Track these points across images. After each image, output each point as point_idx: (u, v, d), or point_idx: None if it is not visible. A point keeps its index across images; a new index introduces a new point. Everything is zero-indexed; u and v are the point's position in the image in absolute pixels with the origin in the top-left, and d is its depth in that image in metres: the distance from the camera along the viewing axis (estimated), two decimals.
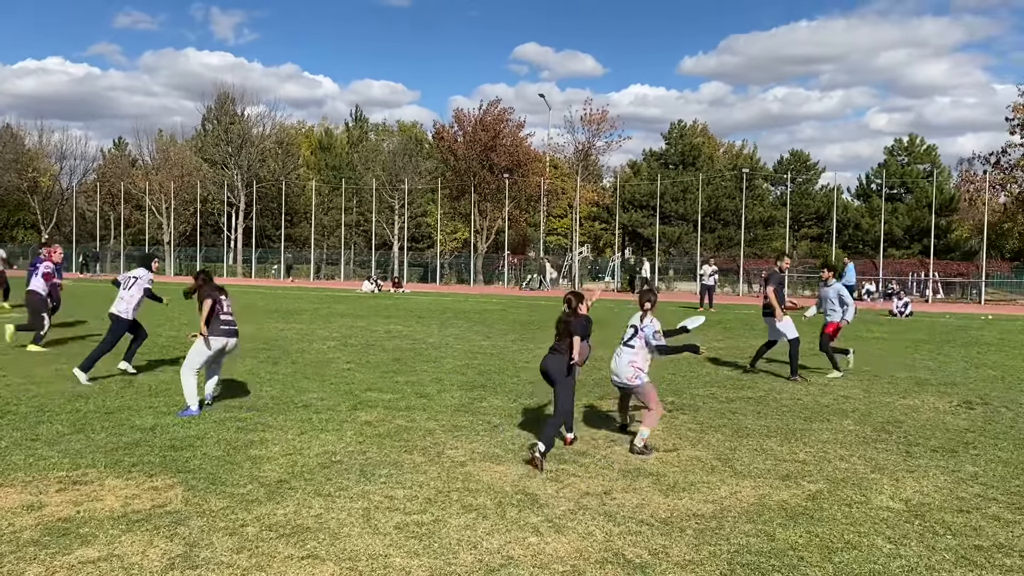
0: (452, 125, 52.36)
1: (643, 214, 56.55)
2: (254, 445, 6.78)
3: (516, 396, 9.30)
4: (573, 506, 5.37)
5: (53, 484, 5.61)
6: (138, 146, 67.80)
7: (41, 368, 10.60)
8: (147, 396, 8.85)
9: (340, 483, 5.77)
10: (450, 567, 4.33)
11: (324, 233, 60.44)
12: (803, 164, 61.09)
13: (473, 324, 18.98)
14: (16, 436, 6.92)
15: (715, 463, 6.55)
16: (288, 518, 5.02)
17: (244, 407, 8.34)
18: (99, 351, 10.02)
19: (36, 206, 64.12)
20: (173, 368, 10.85)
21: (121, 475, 5.86)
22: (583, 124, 48.88)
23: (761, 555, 4.60)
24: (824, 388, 10.33)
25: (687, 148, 59.99)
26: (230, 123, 61.48)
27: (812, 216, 58.45)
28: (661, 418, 7.45)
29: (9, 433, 7.02)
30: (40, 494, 5.39)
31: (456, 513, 5.18)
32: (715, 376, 11.17)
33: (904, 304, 25.86)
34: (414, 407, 8.56)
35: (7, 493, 5.40)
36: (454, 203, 53.30)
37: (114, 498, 5.34)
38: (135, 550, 4.46)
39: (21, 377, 9.88)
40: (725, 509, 5.39)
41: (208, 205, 59.35)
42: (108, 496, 5.38)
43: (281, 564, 4.32)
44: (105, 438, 6.93)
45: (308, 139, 73.69)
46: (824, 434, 7.69)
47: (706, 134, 66.99)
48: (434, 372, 11.01)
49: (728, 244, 54.48)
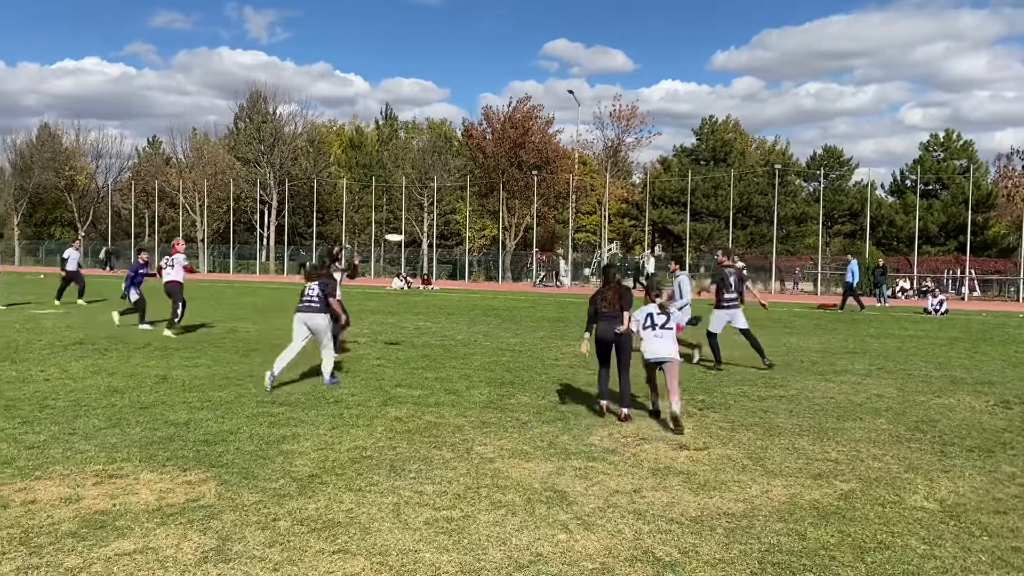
0: (481, 123, 52.44)
1: (673, 210, 56.19)
2: (286, 440, 6.85)
3: (545, 393, 9.30)
4: (602, 504, 5.36)
5: (90, 477, 5.72)
6: (172, 144, 68.75)
7: (76, 363, 10.79)
8: (181, 391, 8.97)
9: (370, 478, 5.82)
10: (479, 563, 4.35)
11: (355, 230, 60.85)
12: (836, 160, 60.33)
13: (502, 321, 19.01)
14: (54, 430, 7.06)
15: (746, 462, 6.50)
16: (319, 512, 5.07)
17: (276, 402, 8.43)
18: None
19: (73, 204, 65.26)
20: (206, 364, 11.00)
21: (156, 469, 5.95)
22: (612, 120, 48.74)
23: (792, 554, 4.56)
24: (857, 387, 10.22)
25: (718, 144, 59.52)
26: (262, 122, 62.08)
27: (845, 213, 57.73)
28: (690, 415, 7.91)
29: (47, 427, 7.16)
30: (77, 487, 5.49)
31: (485, 509, 5.20)
32: (746, 374, 11.09)
33: (939, 302, 25.47)
34: (443, 403, 8.59)
35: (46, 486, 5.51)
36: (483, 200, 53.37)
37: (149, 492, 5.42)
38: (169, 543, 4.53)
39: (59, 372, 10.07)
40: (756, 508, 5.35)
41: (241, 203, 59.99)
42: (143, 490, 5.46)
43: (312, 558, 4.36)
44: (140, 433, 7.04)
45: (339, 137, 74.16)
46: (857, 433, 7.60)
47: (738, 130, 66.41)
48: (463, 369, 11.04)
49: (760, 241, 53.99)
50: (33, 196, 65.67)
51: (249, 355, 11.98)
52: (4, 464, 5.98)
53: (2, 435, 6.84)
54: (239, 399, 8.59)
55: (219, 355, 11.91)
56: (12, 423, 7.28)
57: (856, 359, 12.99)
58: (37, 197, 66.25)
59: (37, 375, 9.83)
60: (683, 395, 8.10)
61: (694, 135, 61.45)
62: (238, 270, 56.31)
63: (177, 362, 11.09)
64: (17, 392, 8.73)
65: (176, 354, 11.89)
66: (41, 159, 64.36)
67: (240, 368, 10.68)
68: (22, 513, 4.95)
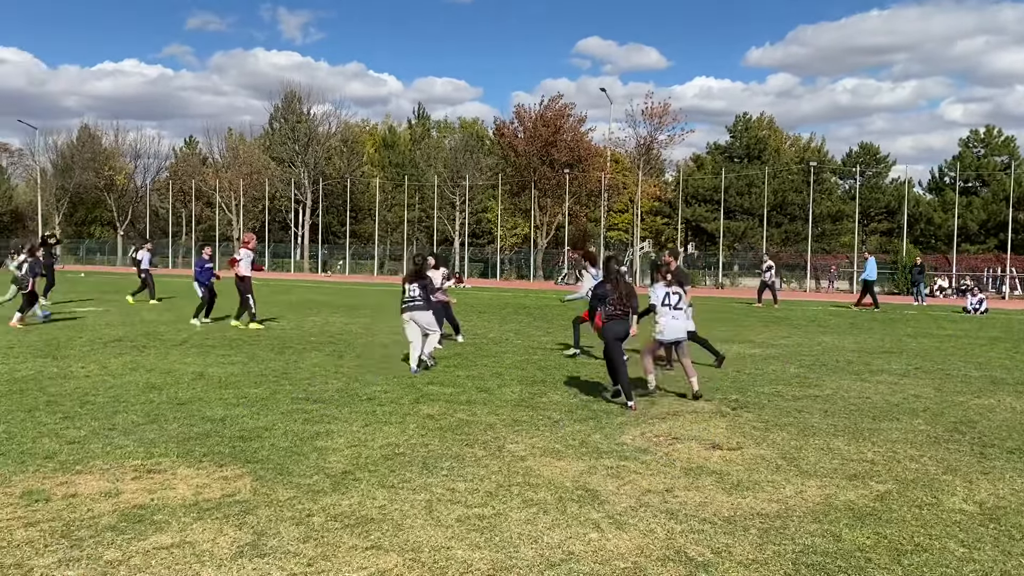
0: (513, 121, 52.44)
1: (707, 208, 55.78)
2: (320, 436, 6.92)
3: (576, 392, 9.29)
4: (634, 503, 5.35)
5: (129, 472, 5.82)
6: (208, 145, 69.79)
7: (115, 360, 10.99)
8: (217, 388, 9.10)
9: (403, 475, 5.85)
10: (511, 561, 4.36)
11: (387, 229, 61.20)
12: (873, 157, 59.43)
13: (533, 319, 19.02)
14: (94, 425, 7.19)
15: (780, 462, 6.44)
16: (353, 509, 5.12)
17: (311, 399, 8.52)
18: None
19: (112, 203, 66.43)
20: (242, 361, 11.14)
21: (192, 464, 6.04)
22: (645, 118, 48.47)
23: (827, 556, 4.51)
24: (894, 387, 10.07)
25: (752, 141, 58.95)
26: (297, 122, 62.70)
27: (882, 210, 56.87)
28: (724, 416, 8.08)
29: (88, 422, 7.30)
30: (117, 481, 5.59)
31: (517, 507, 5.21)
32: (781, 374, 10.98)
33: (979, 301, 25.01)
34: (475, 401, 8.62)
35: (86, 480, 5.62)
36: (514, 199, 53.41)
37: (186, 487, 5.51)
38: (206, 537, 4.60)
39: (99, 368, 10.26)
40: (790, 508, 5.30)
41: (276, 202, 60.65)
42: (180, 484, 5.55)
43: (346, 554, 4.40)
44: (177, 428, 7.15)
45: (372, 137, 74.65)
46: (893, 433, 7.50)
47: (772, 127, 65.70)
48: (494, 367, 11.06)
49: (795, 239, 53.41)
50: (74, 196, 66.98)
51: (283, 352, 12.12)
52: (46, 458, 6.11)
53: (44, 430, 6.99)
54: (274, 396, 8.69)
55: (254, 352, 12.06)
56: (54, 418, 7.43)
57: (893, 359, 12.81)
58: (78, 197, 67.56)
59: (78, 371, 10.03)
60: (716, 394, 8.36)
61: (728, 132, 60.99)
62: (273, 268, 56.94)
63: (213, 359, 11.24)
64: (59, 388, 8.92)
65: (212, 351, 12.06)
66: (81, 159, 65.63)
67: (275, 365, 10.81)
68: (63, 506, 5.06)
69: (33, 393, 8.60)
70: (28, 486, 5.44)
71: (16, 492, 5.31)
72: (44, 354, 11.45)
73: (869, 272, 25.55)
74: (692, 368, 8.68)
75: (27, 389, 8.82)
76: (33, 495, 5.24)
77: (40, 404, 8.05)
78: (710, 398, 9.01)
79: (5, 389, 8.80)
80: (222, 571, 4.15)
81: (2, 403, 8.08)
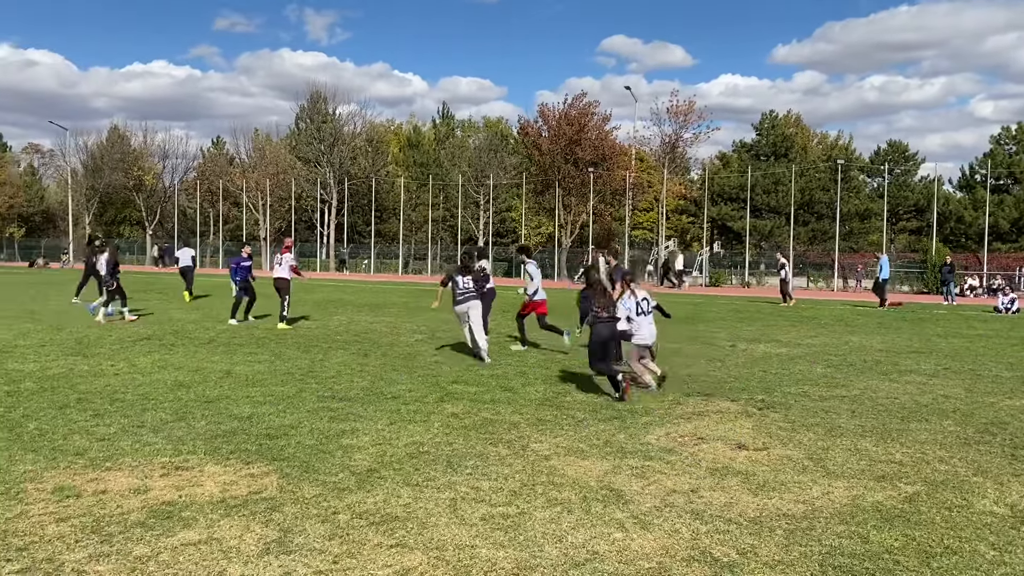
0: (537, 120, 52.40)
1: (733, 207, 55.38)
2: (345, 435, 6.96)
3: (601, 391, 9.26)
4: (659, 503, 5.33)
5: (157, 469, 5.89)
6: (235, 145, 70.38)
7: (144, 358, 11.12)
8: (244, 386, 9.18)
9: (427, 473, 5.87)
10: (535, 560, 4.36)
11: (412, 229, 61.43)
12: (901, 155, 58.71)
13: (557, 319, 18.96)
14: (124, 423, 7.29)
15: (807, 462, 6.39)
16: (378, 507, 5.14)
17: (336, 397, 8.57)
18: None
19: (141, 203, 67.22)
20: (268, 360, 11.23)
21: (220, 462, 6.10)
22: (670, 116, 48.24)
23: (854, 557, 4.46)
24: (923, 387, 9.95)
25: (779, 139, 58.42)
26: (323, 122, 63.10)
27: (911, 209, 56.17)
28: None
29: (118, 420, 7.40)
30: (146, 478, 5.66)
31: (541, 506, 5.20)
32: (808, 374, 10.89)
33: (1010, 300, 24.64)
34: (499, 400, 8.63)
35: (116, 477, 5.69)
36: (538, 198, 53.34)
37: (213, 484, 5.56)
38: (233, 534, 4.64)
39: (128, 367, 10.39)
40: (817, 510, 5.25)
41: (302, 202, 61.07)
42: (208, 482, 5.61)
43: (371, 551, 4.43)
44: (205, 426, 7.23)
45: (397, 136, 74.96)
46: (922, 435, 7.40)
47: (799, 124, 65.11)
48: (518, 366, 11.06)
49: (822, 238, 52.91)
50: (103, 196, 67.88)
51: (309, 351, 12.20)
52: (77, 455, 6.20)
53: (75, 427, 7.09)
54: (300, 394, 8.75)
55: (280, 351, 12.16)
56: (84, 415, 7.54)
57: (922, 359, 12.65)
58: (107, 197, 68.46)
59: (108, 369, 10.16)
60: (742, 394, 8.30)
61: (754, 130, 60.50)
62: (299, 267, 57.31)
63: (240, 358, 11.34)
64: (89, 386, 9.04)
65: (239, 350, 12.17)
66: (111, 160, 66.50)
67: (301, 364, 10.88)
68: (94, 502, 5.13)
69: (64, 390, 8.74)
70: (59, 482, 5.52)
71: (48, 488, 5.39)
72: (75, 352, 11.62)
73: (883, 271, 25.59)
74: (654, 365, 9.62)
75: (58, 387, 8.95)
76: (64, 491, 5.33)
77: (71, 401, 8.17)
78: (736, 398, 8.96)
79: (37, 386, 8.94)
80: (249, 568, 4.19)
81: (34, 400, 8.21)
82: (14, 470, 5.78)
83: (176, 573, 4.12)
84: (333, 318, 17.92)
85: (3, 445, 6.44)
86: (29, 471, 5.77)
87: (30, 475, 5.67)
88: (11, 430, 6.94)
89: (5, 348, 11.92)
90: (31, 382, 9.20)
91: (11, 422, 7.23)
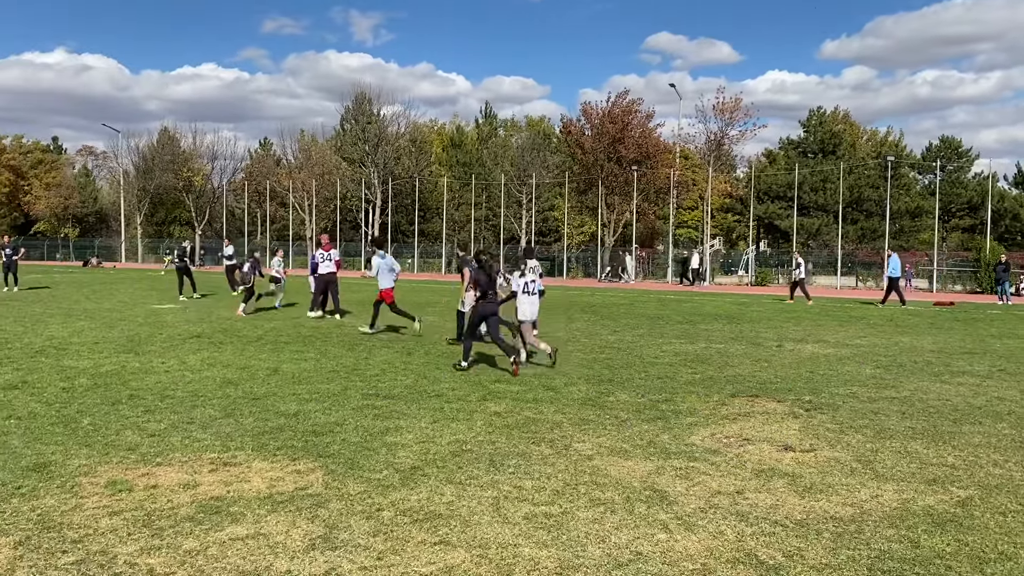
0: (579, 119, 52.22)
1: (779, 205, 54.63)
2: (389, 432, 7.02)
3: (644, 391, 9.21)
4: (704, 504, 5.28)
5: (206, 464, 6.00)
6: (282, 146, 71.36)
7: (194, 356, 11.34)
8: (291, 384, 9.31)
9: (470, 472, 5.89)
10: (578, 560, 4.35)
11: (455, 228, 61.66)
12: (954, 151, 57.40)
13: (600, 318, 18.91)
14: (174, 419, 7.44)
15: (855, 465, 6.28)
16: (421, 504, 5.17)
17: (380, 395, 8.64)
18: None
19: (190, 204, 68.46)
20: (314, 357, 11.37)
21: (267, 458, 6.19)
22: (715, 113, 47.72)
23: (904, 562, 4.37)
24: (976, 389, 9.71)
25: (826, 136, 57.45)
26: (367, 122, 63.63)
27: (964, 206, 54.88)
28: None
29: (168, 416, 7.55)
30: (195, 473, 5.77)
31: (584, 506, 5.19)
32: (856, 375, 10.69)
33: None
34: (541, 399, 8.62)
35: (166, 472, 5.81)
36: (581, 197, 53.14)
37: (260, 480, 5.65)
38: (279, 530, 4.71)
39: (178, 364, 10.60)
40: (865, 513, 5.16)
41: (347, 202, 61.64)
42: (255, 477, 5.70)
43: (415, 548, 4.46)
44: (252, 423, 7.34)
45: (440, 136, 75.30)
46: (976, 437, 7.23)
47: (847, 121, 63.99)
48: (561, 365, 11.04)
49: (872, 236, 51.91)
50: (154, 196, 69.29)
51: (354, 349, 12.32)
52: (128, 450, 6.35)
53: (127, 423, 7.26)
54: (345, 392, 8.84)
55: (326, 349, 12.30)
56: (136, 412, 7.71)
57: (975, 360, 12.35)
58: (158, 197, 69.86)
59: (158, 367, 10.38)
60: (789, 395, 7.93)
61: (801, 127, 59.58)
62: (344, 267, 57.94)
63: (287, 356, 11.50)
64: (140, 383, 9.25)
65: (286, 348, 12.34)
66: (161, 161, 67.85)
67: (346, 361, 11.00)
68: (145, 497, 5.25)
69: (116, 387, 8.95)
70: (112, 476, 5.66)
71: (101, 482, 5.53)
72: (127, 350, 11.89)
73: (893, 269, 25.34)
74: (537, 341, 11.06)
75: (111, 383, 9.17)
76: (117, 485, 5.45)
77: (123, 398, 8.36)
78: (782, 399, 8.84)
79: (91, 383, 9.17)
80: (295, 563, 4.25)
81: (88, 396, 8.42)
82: (69, 464, 5.94)
83: (224, 567, 4.19)
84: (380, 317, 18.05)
85: (59, 440, 6.62)
86: (83, 465, 5.92)
87: (84, 469, 5.82)
88: (66, 425, 7.13)
89: (61, 345, 12.25)
90: (85, 379, 9.44)
91: (66, 418, 7.43)
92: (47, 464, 5.93)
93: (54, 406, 7.91)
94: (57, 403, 8.05)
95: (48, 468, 5.83)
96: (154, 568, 4.16)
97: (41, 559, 4.25)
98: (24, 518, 4.84)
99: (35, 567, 4.16)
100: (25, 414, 7.55)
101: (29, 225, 73.60)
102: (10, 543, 4.45)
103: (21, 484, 5.46)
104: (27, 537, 4.54)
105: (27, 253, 68.08)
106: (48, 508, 5.01)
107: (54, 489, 5.37)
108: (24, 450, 6.30)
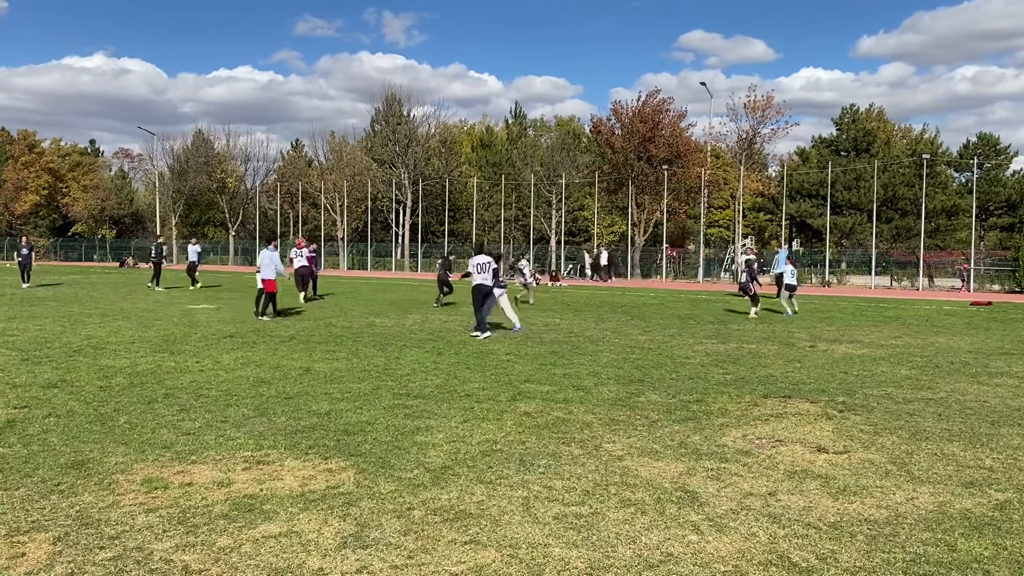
0: (610, 118, 52.05)
1: (812, 204, 54.01)
2: (420, 432, 7.05)
3: (675, 392, 9.16)
4: (735, 506, 5.24)
5: (240, 463, 6.07)
6: (314, 147, 72.07)
7: (227, 355, 11.47)
8: (323, 383, 9.39)
9: (500, 471, 5.90)
10: (609, 560, 4.34)
11: (485, 228, 61.75)
12: (992, 148, 56.31)
13: (631, 318, 18.84)
14: (208, 418, 7.54)
15: (890, 467, 6.19)
16: (452, 503, 5.19)
17: (411, 395, 8.69)
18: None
19: (224, 205, 69.26)
20: (346, 357, 11.45)
21: (299, 457, 6.25)
22: (747, 111, 47.31)
23: (940, 566, 4.31)
24: (1015, 390, 9.53)
25: (860, 134, 56.65)
26: (397, 124, 63.95)
27: (1002, 204, 53.86)
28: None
29: (202, 415, 7.65)
30: (228, 472, 5.85)
31: (614, 507, 5.18)
32: (891, 376, 10.55)
33: None
34: (571, 399, 8.61)
35: (200, 470, 5.89)
36: (611, 196, 52.96)
37: (293, 478, 5.71)
38: (311, 528, 4.75)
39: (212, 363, 10.74)
40: (900, 515, 5.09)
41: (378, 203, 61.99)
42: (288, 476, 5.76)
43: (445, 548, 4.48)
44: (285, 422, 7.41)
45: (470, 137, 75.47)
46: (1015, 439, 7.09)
47: (881, 118, 63.11)
48: (591, 365, 11.02)
49: (906, 235, 51.12)
50: (189, 198, 70.20)
51: (385, 348, 12.40)
52: (164, 448, 6.44)
53: (163, 421, 7.37)
54: (376, 391, 8.90)
55: (358, 349, 12.39)
56: (171, 410, 7.83)
57: (1014, 361, 12.12)
58: (192, 199, 70.77)
59: (193, 366, 10.52)
60: (822, 395, 7.73)
61: (834, 125, 58.86)
62: (375, 267, 58.26)
63: (319, 355, 11.60)
64: (175, 382, 9.38)
65: (318, 347, 12.45)
66: (196, 163, 68.73)
67: (377, 361, 11.07)
68: (180, 494, 5.33)
69: (152, 386, 9.08)
70: (148, 474, 5.74)
71: (137, 479, 5.62)
72: (162, 349, 12.07)
73: (780, 265, 23.34)
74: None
75: (147, 382, 9.32)
76: (152, 483, 5.54)
77: (158, 397, 8.49)
78: (816, 400, 8.75)
79: (127, 382, 9.32)
80: (327, 560, 4.29)
81: (124, 395, 8.56)
82: (106, 462, 6.04)
83: (258, 564, 4.24)
84: (407, 316, 18.17)
85: (96, 438, 6.74)
86: (120, 463, 6.02)
87: (121, 467, 5.92)
88: (103, 423, 7.25)
89: (98, 345, 12.46)
90: (122, 377, 9.60)
91: (103, 416, 7.55)
92: (85, 462, 6.04)
93: (92, 404, 8.05)
94: (95, 402, 8.20)
95: (86, 465, 5.94)
96: (189, 565, 4.22)
97: (79, 555, 4.33)
98: (63, 514, 4.93)
99: (73, 562, 4.23)
100: (64, 412, 7.69)
101: (67, 226, 74.94)
102: (49, 539, 4.54)
103: (60, 481, 5.56)
104: (65, 533, 4.63)
105: (65, 254, 69.46)
106: (86, 505, 5.10)
107: (92, 486, 5.47)
108: (63, 448, 6.42)
